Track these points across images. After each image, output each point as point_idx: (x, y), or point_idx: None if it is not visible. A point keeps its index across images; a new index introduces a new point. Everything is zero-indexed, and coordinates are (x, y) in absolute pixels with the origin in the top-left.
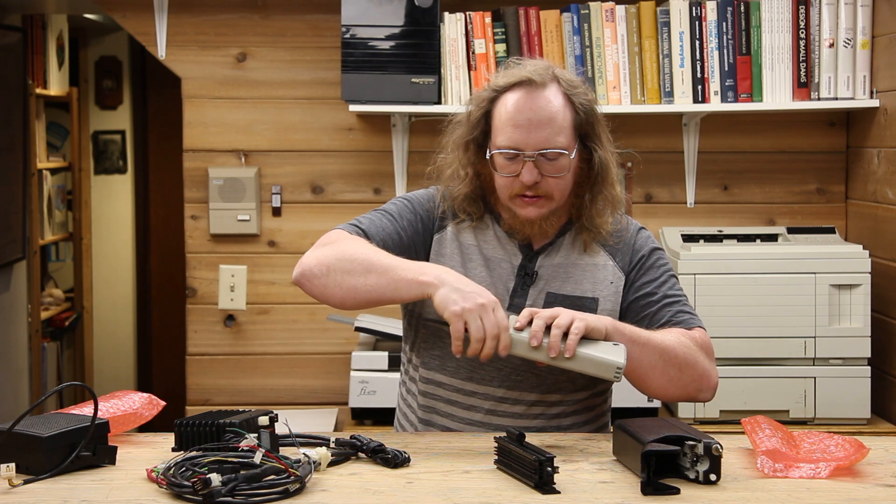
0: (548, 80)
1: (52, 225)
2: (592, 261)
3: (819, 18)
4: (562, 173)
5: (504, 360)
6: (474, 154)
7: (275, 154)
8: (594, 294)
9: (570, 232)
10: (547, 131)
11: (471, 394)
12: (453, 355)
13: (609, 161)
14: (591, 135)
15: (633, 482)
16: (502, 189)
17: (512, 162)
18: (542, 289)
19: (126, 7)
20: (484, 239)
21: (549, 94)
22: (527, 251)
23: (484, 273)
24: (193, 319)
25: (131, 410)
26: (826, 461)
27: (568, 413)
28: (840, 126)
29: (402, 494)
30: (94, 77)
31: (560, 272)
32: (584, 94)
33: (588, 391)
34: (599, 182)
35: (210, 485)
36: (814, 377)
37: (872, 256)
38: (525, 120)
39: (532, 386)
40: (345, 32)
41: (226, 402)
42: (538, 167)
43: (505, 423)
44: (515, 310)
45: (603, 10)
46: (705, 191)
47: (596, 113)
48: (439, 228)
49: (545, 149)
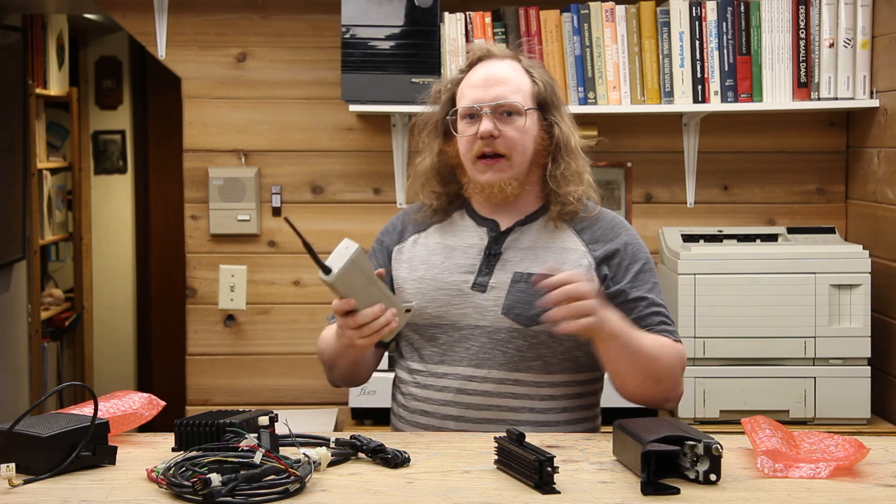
0: (507, 56)
1: (52, 225)
2: (563, 244)
3: (819, 18)
4: (517, 130)
5: (472, 339)
6: (442, 134)
7: (275, 154)
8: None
9: (542, 217)
10: (503, 88)
11: (442, 375)
12: (426, 344)
13: (570, 135)
14: (551, 107)
15: (633, 482)
16: (465, 154)
17: (472, 122)
18: (509, 269)
19: (126, 7)
20: (452, 234)
21: (507, 62)
22: (493, 232)
23: (445, 262)
24: (193, 319)
25: (131, 410)
26: (826, 461)
27: (543, 396)
28: (840, 126)
29: (402, 494)
30: (94, 77)
31: (529, 254)
32: (543, 73)
33: (567, 375)
34: (562, 153)
35: (210, 485)
36: (814, 377)
37: (872, 256)
38: (482, 80)
39: (499, 363)
40: (345, 32)
41: (226, 402)
42: (494, 122)
43: (476, 401)
44: (480, 287)
45: (603, 10)
46: (705, 191)
47: (556, 91)
48: (398, 242)
49: (500, 101)
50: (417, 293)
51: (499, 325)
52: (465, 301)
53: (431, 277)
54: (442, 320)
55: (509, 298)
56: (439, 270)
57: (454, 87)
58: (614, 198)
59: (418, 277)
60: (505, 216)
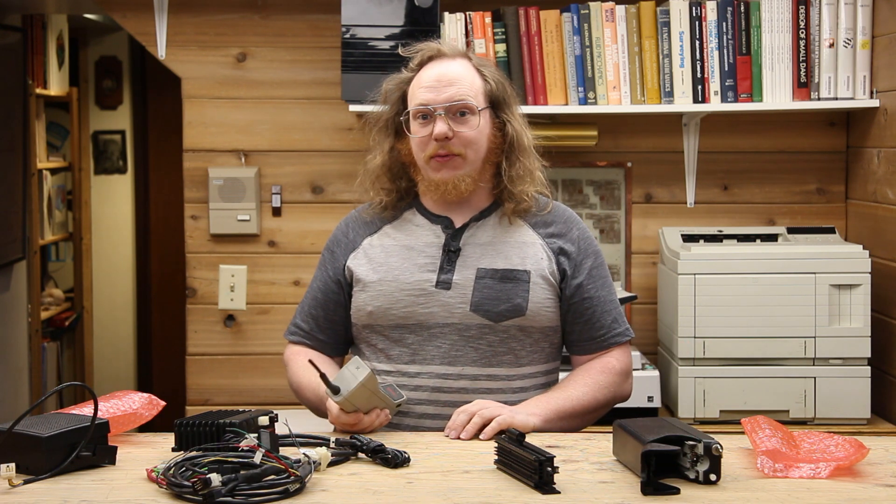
0: (458, 55)
1: (52, 225)
2: (521, 238)
3: (819, 18)
4: (471, 130)
5: (442, 338)
6: (393, 132)
7: (275, 154)
8: (525, 267)
9: (495, 213)
10: (455, 88)
11: (415, 375)
12: (392, 345)
13: (522, 133)
14: (503, 105)
15: (633, 482)
16: (418, 153)
17: (425, 123)
18: (471, 265)
19: (126, 7)
20: (406, 233)
21: (458, 62)
22: (448, 230)
23: (405, 263)
24: (193, 319)
25: (131, 410)
26: (826, 461)
27: (515, 389)
28: (840, 126)
29: (402, 494)
30: (94, 77)
31: (489, 250)
32: (495, 72)
33: (533, 366)
34: (515, 151)
35: (210, 485)
36: (814, 377)
37: (872, 256)
38: (434, 80)
39: (472, 360)
40: (345, 32)
41: (226, 402)
42: (448, 123)
43: (452, 398)
44: (445, 285)
45: (603, 10)
46: (705, 191)
47: (508, 90)
48: (352, 249)
49: (453, 101)
50: (379, 295)
51: (468, 321)
52: (431, 300)
53: (392, 279)
54: (408, 320)
55: (476, 295)
56: (399, 271)
57: (405, 86)
58: (614, 198)
59: (378, 279)
60: (457, 213)
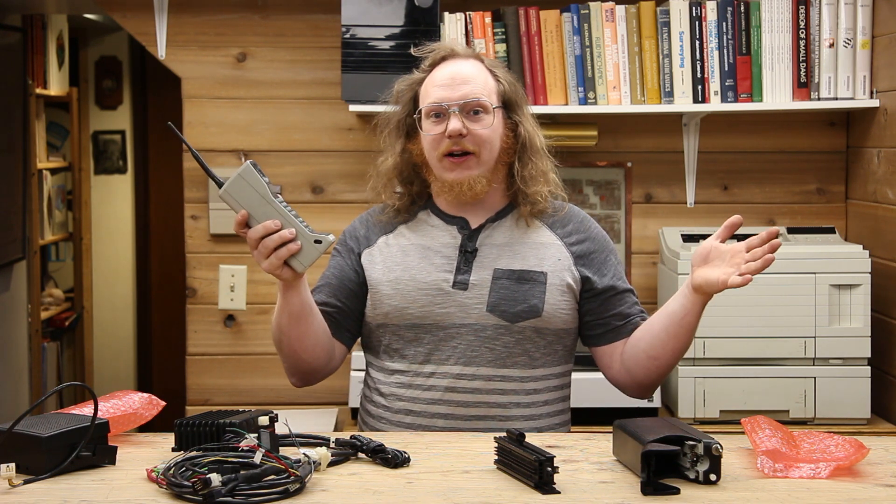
0: (471, 56)
1: (52, 225)
2: (538, 239)
3: (819, 18)
4: (485, 128)
5: (459, 338)
6: (404, 134)
7: (275, 154)
8: (542, 269)
9: (511, 214)
10: (469, 86)
11: (429, 375)
12: (407, 345)
13: (535, 134)
14: (515, 107)
15: (633, 482)
16: (430, 152)
17: (438, 121)
18: (488, 266)
19: (126, 7)
20: (422, 234)
21: (471, 63)
22: (465, 231)
23: (422, 263)
24: (193, 319)
25: (131, 410)
26: (826, 461)
27: (528, 391)
28: (840, 126)
29: (402, 494)
30: (94, 77)
31: (506, 251)
32: (507, 73)
33: (547, 368)
34: (527, 152)
35: (210, 485)
36: (814, 377)
37: (872, 256)
38: (448, 79)
39: (487, 361)
40: (345, 32)
41: (226, 402)
42: (463, 121)
43: (466, 398)
44: (462, 285)
45: (603, 10)
46: (705, 191)
47: (519, 91)
48: (367, 245)
49: (468, 99)
50: (396, 294)
51: (484, 322)
52: (448, 300)
53: (409, 278)
54: (425, 320)
55: (493, 295)
56: (416, 271)
57: (417, 87)
58: (614, 198)
59: (394, 279)
60: (473, 214)
